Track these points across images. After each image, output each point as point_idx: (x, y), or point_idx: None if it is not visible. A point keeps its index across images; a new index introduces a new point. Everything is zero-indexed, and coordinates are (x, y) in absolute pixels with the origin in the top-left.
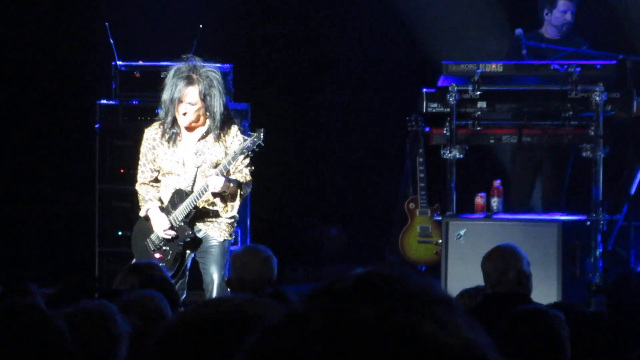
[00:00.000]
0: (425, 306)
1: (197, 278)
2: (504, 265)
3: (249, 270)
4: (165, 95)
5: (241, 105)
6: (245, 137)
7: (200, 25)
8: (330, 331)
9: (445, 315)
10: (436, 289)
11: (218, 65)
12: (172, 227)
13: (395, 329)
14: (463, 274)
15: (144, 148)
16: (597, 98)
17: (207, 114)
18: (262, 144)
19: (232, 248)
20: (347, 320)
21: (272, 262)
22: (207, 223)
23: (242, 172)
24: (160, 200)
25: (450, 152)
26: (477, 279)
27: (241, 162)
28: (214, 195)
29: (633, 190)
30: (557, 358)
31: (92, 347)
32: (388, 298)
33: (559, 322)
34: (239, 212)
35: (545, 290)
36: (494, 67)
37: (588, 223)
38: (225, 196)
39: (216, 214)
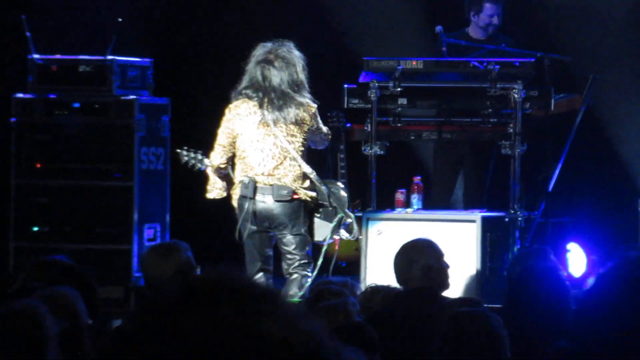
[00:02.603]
0: (255, 304)
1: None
2: (408, 260)
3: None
4: None
5: (161, 100)
6: None
7: (120, 19)
8: (159, 346)
9: (276, 310)
10: (262, 286)
11: (138, 59)
12: None
13: (227, 330)
14: (383, 270)
15: None
16: (516, 95)
17: None
18: None
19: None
20: (175, 332)
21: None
22: None
23: None
24: None
25: (371, 148)
26: None
27: None
28: None
29: (551, 187)
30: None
31: (20, 350)
32: (215, 302)
33: (497, 323)
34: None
35: (464, 286)
36: (415, 63)
37: (507, 219)
38: None
39: None
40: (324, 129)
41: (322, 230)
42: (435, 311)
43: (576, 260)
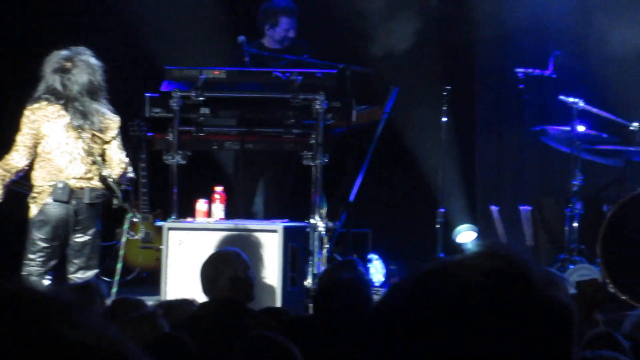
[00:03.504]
0: (59, 311)
1: None
2: (215, 271)
3: None
4: None
5: None
6: None
7: None
8: None
9: (82, 318)
10: (62, 295)
11: None
12: None
13: (29, 338)
14: (184, 281)
15: None
16: (318, 106)
17: None
18: None
19: None
20: None
21: None
22: None
23: None
24: None
25: (172, 157)
26: (198, 286)
27: None
28: None
29: (352, 197)
30: None
31: None
32: (16, 312)
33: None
34: None
35: (266, 296)
36: (217, 73)
37: (308, 229)
38: None
39: None
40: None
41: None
42: (243, 323)
43: (376, 270)
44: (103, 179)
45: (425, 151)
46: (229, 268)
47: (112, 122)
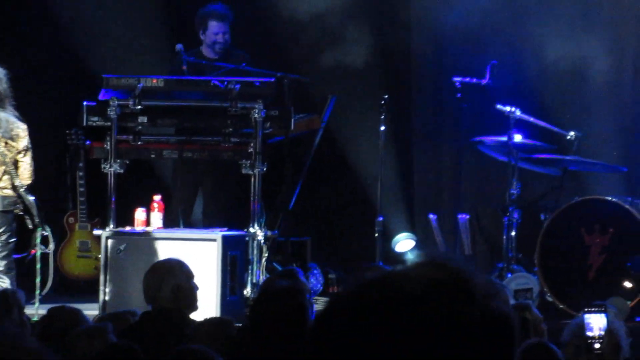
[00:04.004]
0: None
1: None
2: (158, 280)
3: None
4: None
5: None
6: None
7: None
8: None
9: None
10: None
11: None
12: None
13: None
14: (123, 290)
15: None
16: (256, 115)
17: None
18: None
19: None
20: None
21: None
22: None
23: None
24: None
25: (110, 166)
26: (137, 295)
27: None
28: None
29: (291, 206)
30: None
31: None
32: None
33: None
34: None
35: (205, 305)
36: (155, 82)
37: (247, 238)
38: None
39: None
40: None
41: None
42: (186, 332)
43: (315, 279)
44: (14, 188)
45: (363, 160)
46: (172, 277)
47: (21, 130)
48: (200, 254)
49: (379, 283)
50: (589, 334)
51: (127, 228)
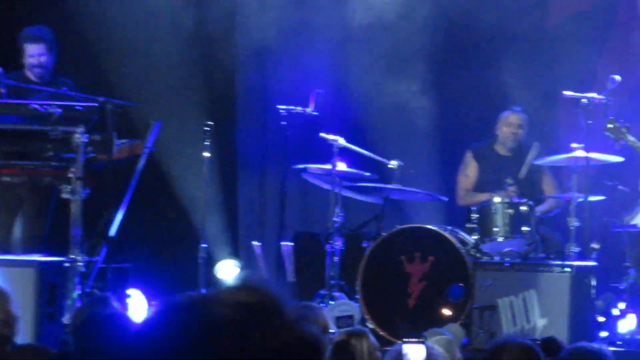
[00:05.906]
0: None
1: None
2: None
3: None
4: None
5: None
6: None
7: None
8: None
9: None
10: None
11: None
12: None
13: None
14: None
15: None
16: (78, 139)
17: None
18: None
19: None
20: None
21: None
22: None
23: None
24: None
25: None
26: None
27: None
28: None
29: (112, 232)
30: None
31: None
32: None
33: None
34: None
35: (21, 332)
36: None
37: (67, 264)
38: None
39: None
40: None
41: None
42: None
43: (137, 305)
44: None
45: (188, 186)
46: (5, 303)
47: None
48: (18, 280)
49: (189, 306)
50: None
51: None
